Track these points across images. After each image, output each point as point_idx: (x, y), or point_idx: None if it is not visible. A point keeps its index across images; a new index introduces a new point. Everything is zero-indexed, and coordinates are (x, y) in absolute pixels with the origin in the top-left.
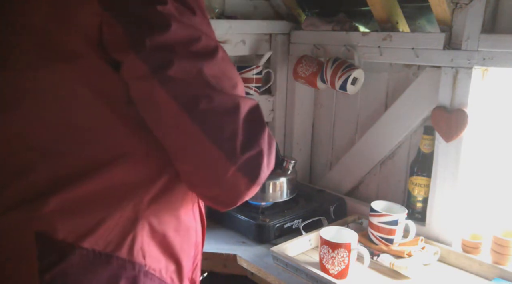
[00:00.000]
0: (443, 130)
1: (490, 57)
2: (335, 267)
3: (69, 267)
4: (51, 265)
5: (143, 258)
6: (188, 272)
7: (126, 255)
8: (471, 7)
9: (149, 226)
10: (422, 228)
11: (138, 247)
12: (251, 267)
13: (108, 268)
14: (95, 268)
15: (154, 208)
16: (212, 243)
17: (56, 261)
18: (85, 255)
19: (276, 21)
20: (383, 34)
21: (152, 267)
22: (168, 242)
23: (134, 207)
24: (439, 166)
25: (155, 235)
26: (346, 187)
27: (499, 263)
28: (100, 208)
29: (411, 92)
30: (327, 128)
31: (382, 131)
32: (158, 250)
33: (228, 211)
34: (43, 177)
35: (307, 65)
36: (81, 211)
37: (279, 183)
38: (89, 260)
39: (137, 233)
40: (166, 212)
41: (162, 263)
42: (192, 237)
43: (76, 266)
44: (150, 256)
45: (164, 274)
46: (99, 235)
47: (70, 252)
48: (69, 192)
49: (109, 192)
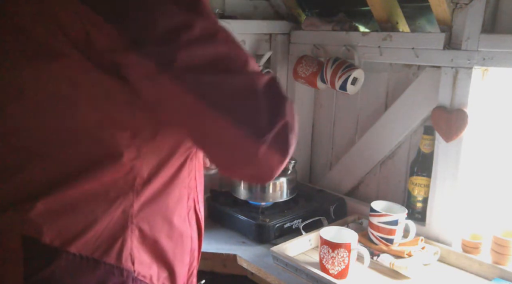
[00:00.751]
0: (443, 130)
1: (490, 57)
2: (335, 267)
3: (55, 272)
4: (37, 270)
5: (132, 264)
6: (183, 279)
7: (114, 260)
8: (471, 7)
9: (139, 231)
10: (422, 228)
11: (127, 253)
12: (251, 267)
13: (95, 274)
14: (82, 273)
15: (145, 213)
16: (212, 243)
17: (42, 266)
18: (71, 260)
19: (276, 21)
20: (383, 34)
21: (141, 274)
22: (160, 248)
23: (123, 211)
24: (439, 166)
25: (146, 241)
26: (346, 187)
27: (499, 263)
28: (88, 212)
29: (411, 92)
30: (327, 128)
31: (382, 131)
32: (149, 256)
33: (228, 211)
34: (30, 179)
35: (307, 65)
36: (68, 214)
37: (279, 183)
38: (75, 265)
39: (126, 238)
40: (158, 218)
41: (153, 270)
42: (187, 244)
43: (62, 271)
44: (140, 262)
45: (155, 281)
46: (87, 239)
47: (56, 257)
48: (56, 195)
49: (97, 195)
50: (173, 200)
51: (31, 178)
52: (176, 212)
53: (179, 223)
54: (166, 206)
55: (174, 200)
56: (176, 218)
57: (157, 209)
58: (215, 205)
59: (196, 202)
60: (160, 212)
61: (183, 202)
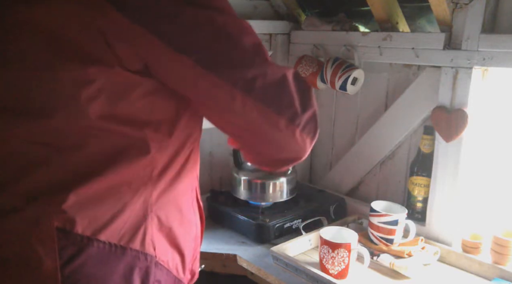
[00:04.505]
0: (443, 130)
1: (490, 57)
2: (335, 267)
3: (87, 260)
4: (71, 259)
5: (154, 249)
6: (189, 264)
7: (139, 246)
8: (471, 7)
9: (157, 219)
10: (422, 228)
11: (149, 240)
12: (251, 267)
13: (123, 260)
14: (111, 260)
15: (162, 202)
16: (212, 243)
17: (76, 254)
18: (101, 248)
19: (276, 21)
20: (383, 34)
21: (161, 259)
22: (173, 235)
23: (144, 201)
24: (439, 166)
25: (163, 229)
26: (346, 187)
27: (499, 263)
28: (115, 202)
29: (411, 92)
30: (327, 128)
31: (382, 131)
32: (165, 243)
33: (228, 211)
34: (60, 171)
35: (307, 65)
36: (97, 205)
37: (279, 183)
38: (105, 252)
39: (147, 226)
40: (171, 206)
41: (169, 255)
42: (193, 230)
43: (94, 258)
44: (159, 248)
45: (171, 265)
46: (114, 228)
47: (88, 245)
48: (87, 186)
49: (122, 186)
50: (182, 190)
51: (61, 171)
52: (185, 201)
53: (187, 211)
54: (177, 195)
55: (183, 190)
56: (185, 206)
57: (171, 198)
58: (215, 205)
59: (197, 191)
60: (173, 201)
61: (189, 191)
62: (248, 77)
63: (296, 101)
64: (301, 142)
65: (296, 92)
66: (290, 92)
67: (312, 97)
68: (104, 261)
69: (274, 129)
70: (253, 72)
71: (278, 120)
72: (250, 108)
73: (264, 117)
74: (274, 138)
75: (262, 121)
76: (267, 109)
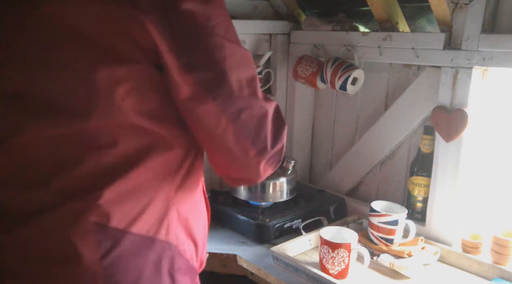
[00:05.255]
0: (443, 130)
1: (490, 57)
2: (335, 267)
3: (122, 252)
4: (109, 250)
5: (176, 240)
6: (200, 252)
7: (164, 237)
8: (471, 7)
9: (177, 211)
10: (422, 228)
11: (171, 231)
12: (251, 267)
13: (152, 250)
14: (143, 250)
15: (180, 195)
16: (212, 243)
17: (112, 247)
18: (134, 240)
19: (276, 21)
20: (383, 34)
21: (182, 249)
22: (190, 225)
23: (166, 194)
24: (439, 166)
25: (181, 220)
26: (346, 187)
27: (499, 263)
28: (143, 196)
29: (411, 92)
30: (327, 128)
31: (382, 131)
32: (184, 233)
33: (228, 211)
34: (95, 169)
35: (307, 65)
36: (129, 199)
37: (279, 183)
38: (137, 244)
39: (170, 218)
40: (187, 198)
41: (187, 245)
42: (203, 220)
43: (128, 250)
44: (179, 238)
45: (188, 254)
46: (143, 220)
47: (122, 238)
48: (120, 183)
49: (148, 181)
50: (195, 182)
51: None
52: (197, 193)
53: (199, 202)
54: (192, 188)
55: (196, 182)
56: (197, 197)
57: (188, 190)
58: (215, 205)
59: (203, 184)
60: (188, 193)
61: (200, 184)
62: (236, 107)
63: (270, 137)
64: (262, 172)
65: (272, 128)
66: (267, 129)
67: (284, 133)
68: (137, 252)
69: (244, 155)
70: (243, 103)
71: (250, 150)
72: (229, 134)
73: (239, 143)
74: (241, 162)
75: (236, 146)
76: (245, 138)
